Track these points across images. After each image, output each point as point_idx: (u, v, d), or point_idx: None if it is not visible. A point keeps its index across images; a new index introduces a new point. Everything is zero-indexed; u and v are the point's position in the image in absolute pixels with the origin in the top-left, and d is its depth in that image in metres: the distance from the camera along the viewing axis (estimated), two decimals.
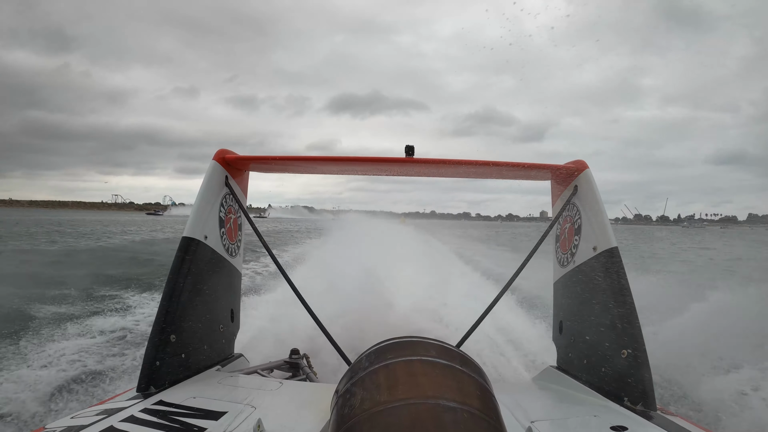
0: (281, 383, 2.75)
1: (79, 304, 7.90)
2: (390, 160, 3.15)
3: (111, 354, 5.35)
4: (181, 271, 2.64)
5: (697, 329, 5.90)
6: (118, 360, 5.17)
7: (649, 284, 9.33)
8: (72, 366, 4.83)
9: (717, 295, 7.15)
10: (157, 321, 2.54)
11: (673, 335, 5.82)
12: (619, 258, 2.60)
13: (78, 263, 13.53)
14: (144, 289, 9.56)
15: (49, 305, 7.63)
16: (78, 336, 5.96)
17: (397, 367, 1.50)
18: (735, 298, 6.91)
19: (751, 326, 5.67)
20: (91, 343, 5.71)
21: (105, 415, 2.00)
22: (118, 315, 7.31)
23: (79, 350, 5.33)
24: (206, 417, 2.07)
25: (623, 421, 2.13)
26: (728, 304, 6.61)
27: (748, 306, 6.39)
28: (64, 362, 4.93)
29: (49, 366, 4.81)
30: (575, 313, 2.95)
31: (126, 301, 8.42)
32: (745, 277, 9.57)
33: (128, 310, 7.69)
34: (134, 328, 6.54)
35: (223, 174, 3.05)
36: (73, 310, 7.51)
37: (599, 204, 2.78)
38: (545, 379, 3.08)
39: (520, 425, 2.06)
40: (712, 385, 4.59)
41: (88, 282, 9.98)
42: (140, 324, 6.72)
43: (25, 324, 6.33)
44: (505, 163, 3.13)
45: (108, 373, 4.71)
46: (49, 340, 5.70)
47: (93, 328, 6.36)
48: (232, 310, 3.27)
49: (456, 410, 1.30)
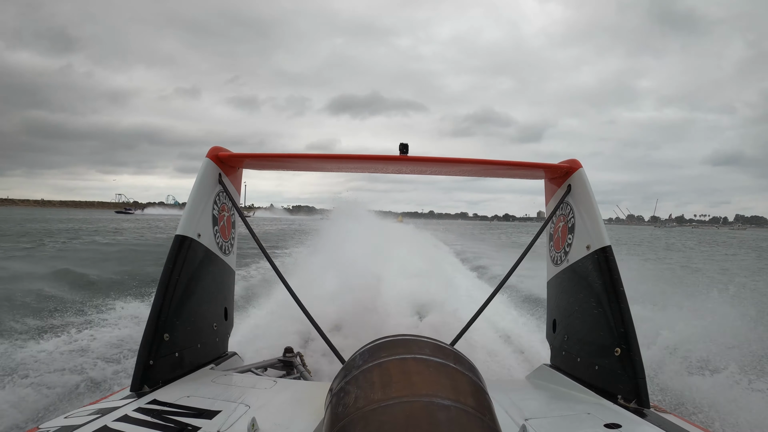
0: (275, 382, 2.74)
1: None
2: (384, 158, 3.15)
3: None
4: (174, 270, 2.62)
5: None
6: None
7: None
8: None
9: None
10: (150, 320, 2.52)
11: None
12: (612, 257, 2.61)
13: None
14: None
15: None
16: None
17: (390, 365, 1.50)
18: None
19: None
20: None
21: (99, 414, 1.98)
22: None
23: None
24: (200, 416, 2.06)
25: (617, 419, 2.14)
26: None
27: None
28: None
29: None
30: (569, 312, 2.97)
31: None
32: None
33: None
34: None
35: (217, 171, 3.03)
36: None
37: (593, 203, 2.79)
38: (539, 377, 3.09)
39: (514, 423, 2.07)
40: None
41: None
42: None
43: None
44: (499, 162, 3.13)
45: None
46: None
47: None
48: (226, 309, 3.26)
49: (450, 408, 1.30)
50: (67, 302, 7.36)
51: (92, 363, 4.67)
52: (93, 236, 25.70)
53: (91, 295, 8.14)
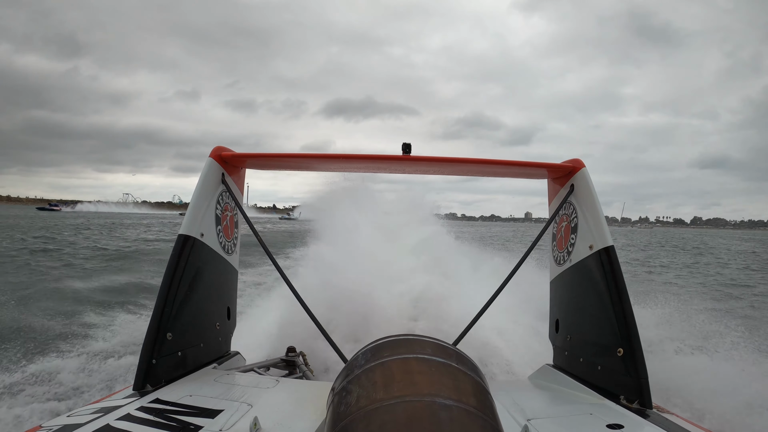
0: (278, 381, 2.74)
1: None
2: (388, 158, 3.14)
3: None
4: (177, 269, 2.63)
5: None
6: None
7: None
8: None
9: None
10: (153, 319, 2.53)
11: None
12: (615, 256, 2.60)
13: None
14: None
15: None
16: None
17: (393, 364, 1.50)
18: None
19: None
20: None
21: (101, 413, 1.99)
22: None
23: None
24: (203, 415, 2.06)
25: (619, 419, 2.13)
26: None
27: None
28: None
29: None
30: (571, 312, 2.96)
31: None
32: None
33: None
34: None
35: (220, 171, 3.04)
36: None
37: (596, 203, 2.78)
38: (541, 377, 3.08)
39: (517, 423, 2.06)
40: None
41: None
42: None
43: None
44: (502, 162, 3.12)
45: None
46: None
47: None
48: (229, 308, 3.26)
49: (452, 408, 1.30)
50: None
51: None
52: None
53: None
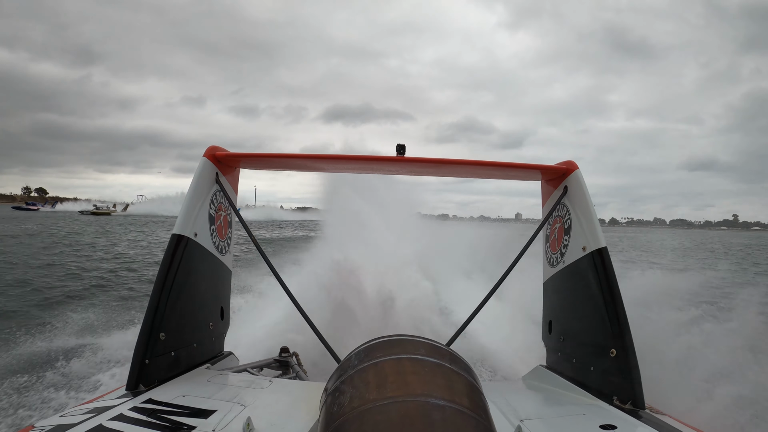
0: (271, 381, 2.73)
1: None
2: (381, 159, 3.14)
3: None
4: (171, 269, 2.62)
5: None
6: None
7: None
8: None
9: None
10: (146, 319, 2.51)
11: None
12: (608, 258, 2.62)
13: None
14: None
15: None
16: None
17: (386, 365, 1.50)
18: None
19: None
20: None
21: (94, 413, 1.98)
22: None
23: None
24: (196, 415, 2.05)
25: (612, 420, 2.14)
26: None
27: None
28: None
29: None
30: (564, 313, 2.97)
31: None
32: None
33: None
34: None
35: (214, 171, 3.02)
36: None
37: (589, 204, 2.80)
38: (535, 378, 3.10)
39: (510, 424, 2.07)
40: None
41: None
42: None
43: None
44: (496, 164, 3.13)
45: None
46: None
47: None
48: (222, 308, 3.25)
49: (445, 408, 1.30)
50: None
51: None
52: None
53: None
